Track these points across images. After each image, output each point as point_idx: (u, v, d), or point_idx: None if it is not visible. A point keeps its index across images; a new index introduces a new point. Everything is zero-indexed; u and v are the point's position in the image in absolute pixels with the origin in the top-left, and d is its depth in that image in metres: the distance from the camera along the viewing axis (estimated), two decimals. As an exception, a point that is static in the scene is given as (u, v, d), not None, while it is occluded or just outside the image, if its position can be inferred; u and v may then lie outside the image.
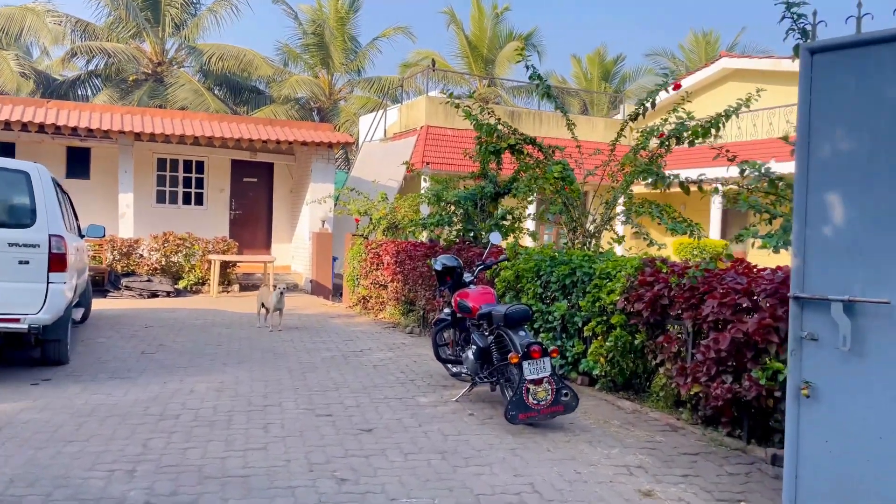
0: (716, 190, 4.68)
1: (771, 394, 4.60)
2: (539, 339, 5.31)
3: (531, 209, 10.45)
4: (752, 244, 4.69)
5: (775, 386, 4.57)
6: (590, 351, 6.35)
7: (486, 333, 5.48)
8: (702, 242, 15.04)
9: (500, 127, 6.70)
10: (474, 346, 5.45)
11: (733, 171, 5.11)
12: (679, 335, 5.59)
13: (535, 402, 4.83)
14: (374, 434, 4.82)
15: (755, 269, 5.24)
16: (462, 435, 4.84)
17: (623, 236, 7.38)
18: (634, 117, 6.85)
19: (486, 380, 5.45)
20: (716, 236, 17.47)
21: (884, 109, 3.17)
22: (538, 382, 4.84)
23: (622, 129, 6.97)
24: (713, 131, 6.14)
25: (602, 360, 6.25)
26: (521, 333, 5.06)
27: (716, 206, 17.05)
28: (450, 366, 6.22)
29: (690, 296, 5.35)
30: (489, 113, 6.86)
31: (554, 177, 6.45)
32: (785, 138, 4.51)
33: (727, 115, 6.52)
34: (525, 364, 4.81)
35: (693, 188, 6.26)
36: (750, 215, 17.67)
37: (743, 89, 7.35)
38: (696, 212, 12.32)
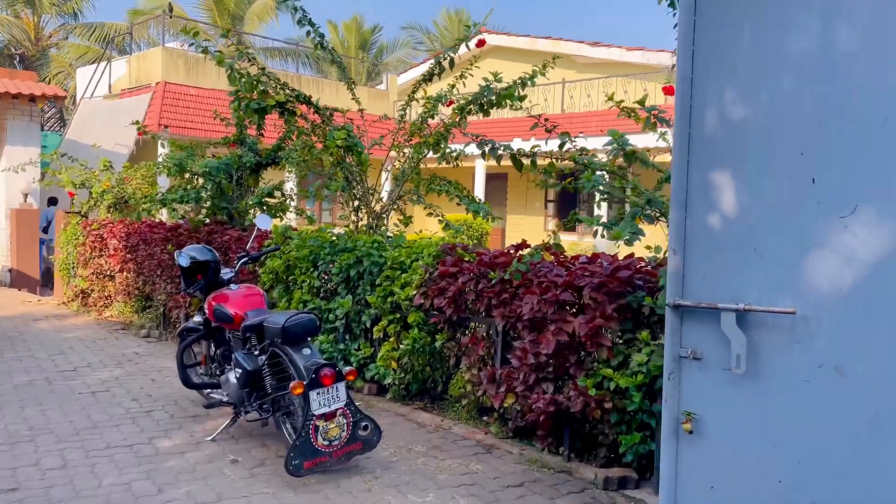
0: (550, 166, 3.87)
1: (600, 404, 3.96)
2: (331, 360, 4.08)
3: (290, 184, 9.07)
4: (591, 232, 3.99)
5: (605, 395, 3.94)
6: (380, 355, 5.32)
7: (257, 352, 4.12)
8: (467, 219, 14.86)
9: (264, 79, 5.25)
10: (239, 369, 4.07)
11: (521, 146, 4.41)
12: (487, 335, 4.78)
13: (325, 443, 3.64)
14: (86, 518, 3.25)
15: (571, 259, 4.60)
16: (224, 501, 3.48)
17: (411, 217, 6.43)
18: (430, 77, 5.87)
19: (257, 412, 4.12)
20: (478, 211, 17.53)
21: (787, 66, 2.49)
22: (330, 416, 3.65)
23: (414, 92, 5.96)
24: (519, 91, 5.37)
25: (394, 364, 5.26)
26: (306, 352, 3.81)
27: (479, 178, 17.08)
28: (206, 391, 4.74)
29: (501, 290, 4.55)
30: (250, 61, 5.36)
31: (336, 145, 5.20)
32: (637, 112, 3.83)
33: (523, 83, 5.84)
34: (313, 394, 3.59)
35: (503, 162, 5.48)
36: (514, 190, 17.87)
37: (502, 66, 7.02)
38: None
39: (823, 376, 2.44)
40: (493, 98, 5.37)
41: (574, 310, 4.25)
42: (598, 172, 3.59)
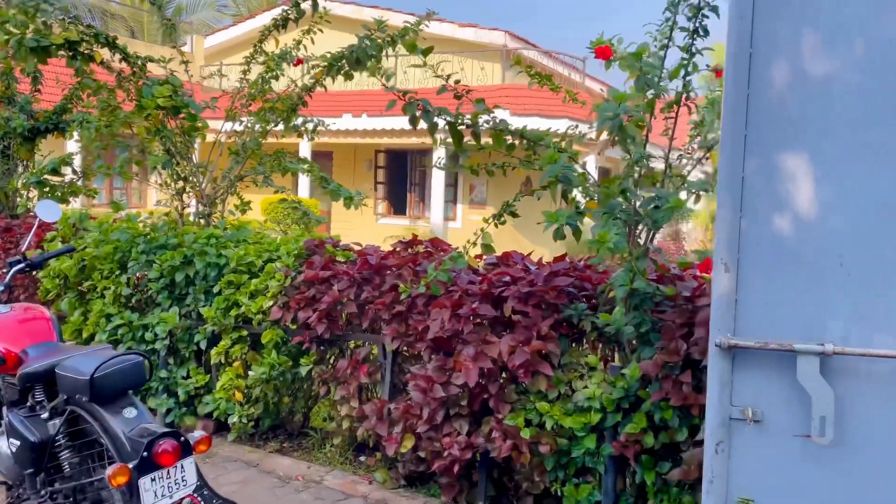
0: (497, 141, 2.87)
1: (534, 447, 3.12)
2: (172, 426, 2.71)
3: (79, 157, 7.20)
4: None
5: (541, 436, 3.10)
6: (220, 385, 4.05)
7: (45, 413, 2.68)
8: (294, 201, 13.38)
9: (45, 7, 3.58)
10: (16, 440, 2.63)
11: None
12: (371, 358, 3.74)
13: (164, 552, 2.38)
14: None
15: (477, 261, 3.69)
16: None
17: (249, 202, 5.10)
18: (284, 23, 4.54)
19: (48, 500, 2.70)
20: (305, 194, 16.00)
21: (892, 6, 1.75)
22: (171, 511, 2.39)
23: (261, 41, 4.59)
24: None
25: (239, 395, 4.02)
26: (130, 413, 2.47)
27: (304, 155, 15.60)
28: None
29: (394, 301, 3.52)
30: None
31: (157, 105, 3.72)
32: (552, 81, 2.92)
33: (393, 40, 4.78)
34: (145, 482, 2.30)
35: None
36: (340, 169, 16.62)
37: (326, 34, 6.12)
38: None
39: (937, 443, 1.76)
40: (375, 51, 4.24)
41: (489, 324, 3.36)
42: (566, 158, 2.68)
